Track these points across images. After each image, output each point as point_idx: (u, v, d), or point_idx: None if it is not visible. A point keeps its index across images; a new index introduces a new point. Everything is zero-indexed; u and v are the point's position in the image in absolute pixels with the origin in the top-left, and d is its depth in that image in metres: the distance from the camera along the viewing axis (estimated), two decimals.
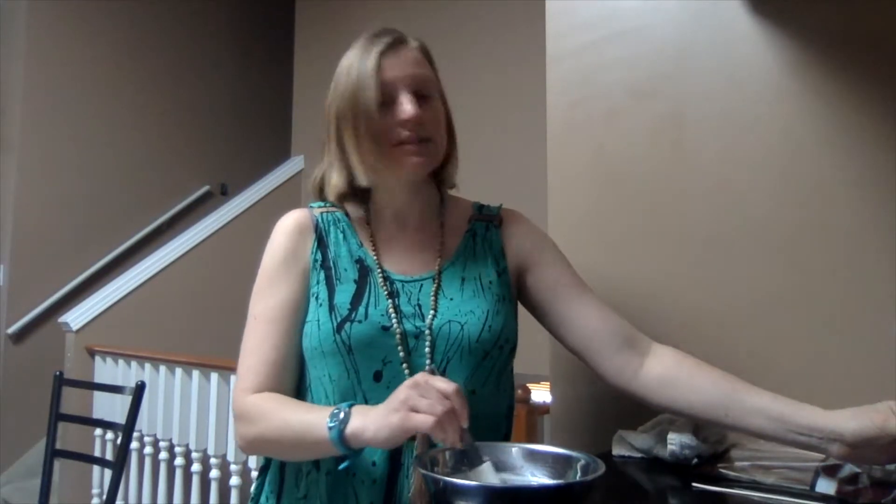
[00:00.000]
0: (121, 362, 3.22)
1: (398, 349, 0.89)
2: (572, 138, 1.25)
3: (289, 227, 0.98)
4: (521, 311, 1.02)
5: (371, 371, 0.89)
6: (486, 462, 0.75)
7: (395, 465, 0.88)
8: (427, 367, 0.79)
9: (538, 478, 0.76)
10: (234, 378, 2.55)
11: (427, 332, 0.90)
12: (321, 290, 0.93)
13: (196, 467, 2.65)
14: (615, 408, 1.06)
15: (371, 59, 0.90)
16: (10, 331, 3.80)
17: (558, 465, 0.76)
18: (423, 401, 0.72)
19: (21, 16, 3.94)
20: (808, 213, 1.02)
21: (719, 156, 1.10)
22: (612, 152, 1.21)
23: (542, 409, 2.46)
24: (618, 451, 1.04)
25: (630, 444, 1.02)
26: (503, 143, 3.49)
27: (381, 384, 0.88)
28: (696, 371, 0.90)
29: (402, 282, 0.94)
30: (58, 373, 2.32)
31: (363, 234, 0.98)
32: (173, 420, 2.81)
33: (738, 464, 0.88)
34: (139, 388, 2.14)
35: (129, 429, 2.08)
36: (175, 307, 3.83)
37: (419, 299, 0.93)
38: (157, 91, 4.46)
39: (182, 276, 3.91)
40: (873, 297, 0.96)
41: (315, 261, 0.95)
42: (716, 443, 0.97)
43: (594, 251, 1.21)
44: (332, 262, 0.95)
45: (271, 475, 0.97)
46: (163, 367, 2.92)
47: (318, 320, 0.91)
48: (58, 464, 2.78)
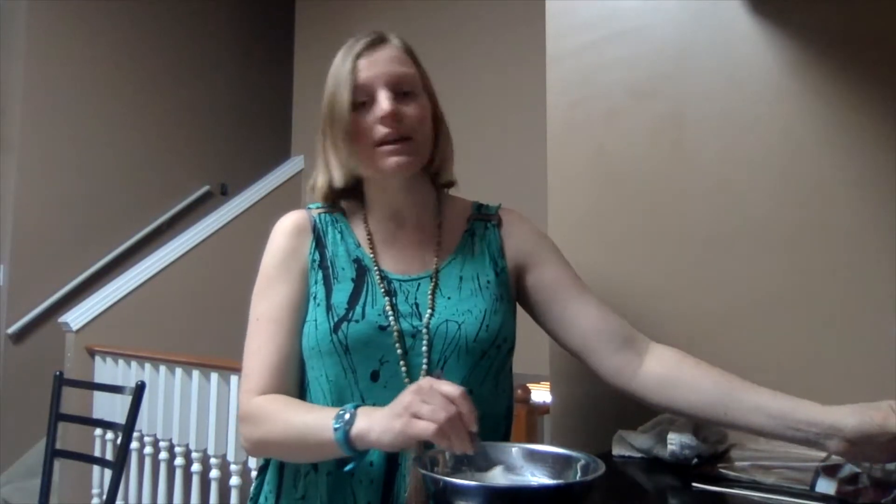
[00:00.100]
0: (121, 362, 3.22)
1: (395, 348, 0.89)
2: (572, 138, 1.25)
3: (287, 228, 0.98)
4: (521, 310, 1.02)
5: (368, 371, 0.89)
6: (498, 467, 0.75)
7: (392, 466, 0.88)
8: (434, 372, 0.78)
9: (538, 478, 0.76)
10: (234, 378, 2.56)
11: (424, 331, 0.90)
12: (319, 290, 0.93)
13: (196, 467, 2.65)
14: (615, 408, 1.06)
15: (348, 61, 0.92)
16: (10, 331, 3.80)
17: (558, 465, 0.76)
18: (425, 407, 0.71)
19: (21, 16, 3.94)
20: (808, 213, 1.02)
21: (719, 156, 1.10)
22: (612, 152, 1.20)
23: (542, 409, 2.46)
24: (618, 451, 1.04)
25: (630, 444, 1.02)
26: (503, 143, 3.49)
27: (378, 384, 0.88)
28: (695, 370, 0.90)
29: (400, 281, 0.94)
30: (58, 373, 2.32)
31: (360, 234, 0.98)
32: (173, 420, 2.81)
33: (738, 464, 0.88)
34: (139, 388, 2.14)
35: (129, 429, 2.08)
36: (175, 307, 3.83)
37: (416, 298, 0.93)
38: (157, 91, 4.46)
39: (182, 276, 3.91)
40: (873, 297, 0.96)
41: (313, 261, 0.96)
42: (716, 443, 0.97)
43: (594, 251, 1.21)
44: (329, 261, 0.95)
45: (270, 476, 0.97)
46: (163, 367, 2.92)
47: (315, 320, 0.91)
48: (58, 464, 2.78)
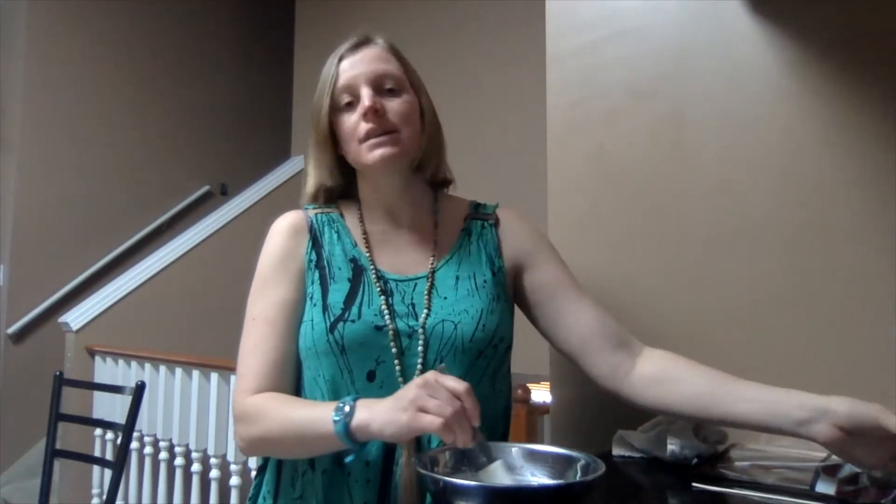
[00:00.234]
0: (121, 362, 3.22)
1: (391, 348, 0.89)
2: (572, 138, 1.25)
3: (283, 229, 0.98)
4: (519, 311, 1.02)
5: (364, 371, 0.89)
6: (497, 462, 0.75)
7: (388, 465, 0.88)
8: (438, 366, 0.78)
9: (538, 478, 0.77)
10: (234, 378, 2.55)
11: (420, 331, 0.90)
12: (315, 290, 0.93)
13: (196, 467, 2.65)
14: (615, 408, 1.05)
15: (333, 64, 0.96)
16: (10, 331, 3.80)
17: (558, 465, 0.76)
18: (432, 401, 0.72)
19: (21, 16, 3.94)
20: (808, 213, 1.02)
21: (719, 156, 1.10)
22: (612, 152, 1.20)
23: (542, 409, 2.46)
24: (618, 451, 1.04)
25: (630, 444, 1.02)
26: (503, 143, 3.49)
27: (374, 384, 0.88)
28: (685, 366, 0.91)
29: (396, 281, 0.94)
30: (58, 373, 2.32)
31: (357, 234, 0.98)
32: (173, 420, 2.81)
33: (738, 464, 0.88)
34: (139, 388, 2.14)
35: (129, 429, 2.08)
36: (175, 307, 3.83)
37: (413, 298, 0.93)
38: (157, 91, 4.46)
39: (182, 276, 3.91)
40: (873, 297, 0.96)
41: (310, 261, 0.96)
42: (716, 443, 0.97)
43: (594, 251, 1.21)
44: (326, 261, 0.95)
45: (268, 475, 0.97)
46: (163, 367, 2.92)
47: (311, 320, 0.91)
48: (58, 464, 2.78)
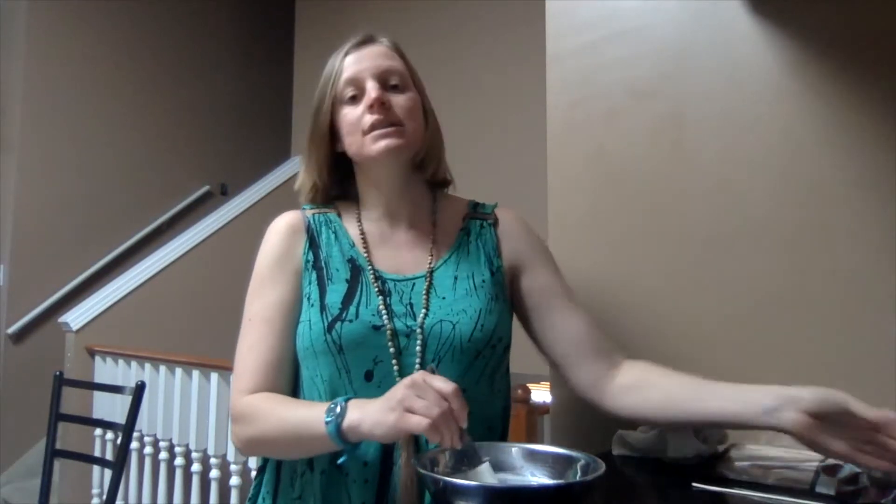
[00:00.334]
0: (121, 362, 3.22)
1: (389, 348, 0.88)
2: (572, 138, 1.25)
3: (281, 229, 0.98)
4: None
5: (362, 371, 0.89)
6: (485, 462, 0.75)
7: (386, 465, 0.88)
8: (427, 367, 0.79)
9: (538, 478, 0.77)
10: (233, 378, 2.55)
11: (418, 331, 0.89)
12: (313, 291, 0.93)
13: (196, 467, 2.65)
14: None
15: (337, 59, 0.96)
16: (10, 331, 3.80)
17: (558, 465, 0.76)
18: (419, 402, 0.72)
19: (21, 16, 3.94)
20: (808, 213, 1.02)
21: (719, 156, 1.10)
22: (612, 152, 1.20)
23: (542, 409, 2.45)
24: (618, 451, 1.04)
25: (630, 444, 1.02)
26: (503, 143, 3.49)
27: (371, 384, 0.88)
28: (661, 373, 0.92)
29: (395, 281, 0.94)
30: (58, 373, 2.32)
31: (354, 234, 0.98)
32: (173, 420, 2.80)
33: (738, 464, 0.88)
34: (139, 388, 2.14)
35: (129, 429, 2.08)
36: (175, 307, 3.83)
37: (411, 298, 0.92)
38: (157, 91, 4.46)
39: (182, 276, 3.91)
40: (873, 297, 0.96)
41: (307, 261, 0.96)
42: (716, 443, 0.97)
43: (594, 251, 1.21)
44: (323, 262, 0.95)
45: (268, 476, 0.98)
46: (163, 367, 2.92)
47: (309, 320, 0.91)
48: (58, 464, 2.78)
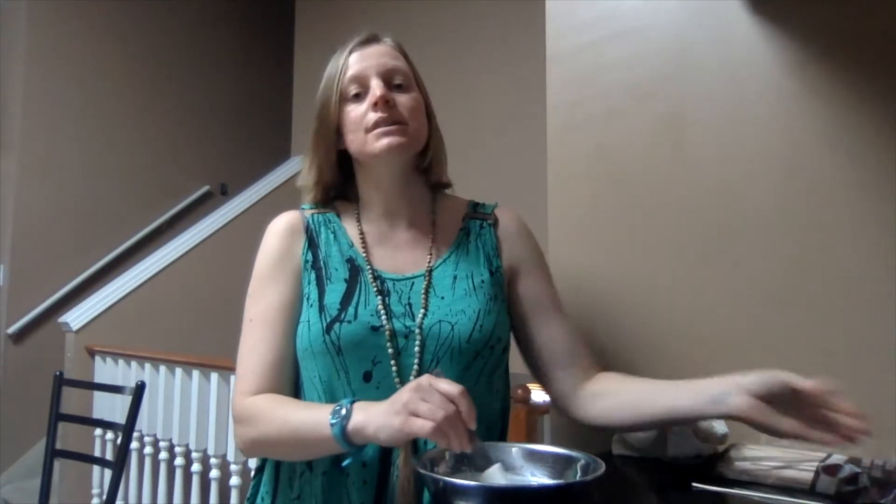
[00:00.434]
0: (121, 362, 3.22)
1: (388, 349, 0.88)
2: (572, 138, 1.25)
3: (280, 229, 0.98)
4: None
5: (360, 372, 0.88)
6: (496, 465, 0.75)
7: (385, 466, 0.88)
8: (434, 370, 0.78)
9: (538, 478, 0.77)
10: (234, 378, 2.55)
11: (417, 331, 0.89)
12: (312, 291, 0.93)
13: (196, 467, 2.64)
14: None
15: (342, 57, 0.96)
16: (10, 331, 3.80)
17: (558, 465, 0.76)
18: (423, 405, 0.71)
19: (22, 16, 3.94)
20: (808, 213, 1.02)
21: (719, 156, 1.10)
22: (612, 152, 1.20)
23: (542, 409, 2.45)
24: (618, 451, 1.04)
25: (630, 444, 1.02)
26: (503, 143, 3.49)
27: (370, 384, 0.88)
28: (623, 378, 0.95)
29: (393, 280, 0.94)
30: (58, 373, 2.32)
31: (353, 234, 0.98)
32: (173, 420, 2.80)
33: (738, 464, 0.88)
34: (139, 388, 2.14)
35: (129, 429, 2.08)
36: (175, 307, 3.83)
37: (410, 298, 0.92)
38: (157, 91, 4.46)
39: (182, 276, 3.91)
40: (873, 297, 0.96)
41: (306, 262, 0.96)
42: (716, 443, 0.97)
43: (594, 251, 1.21)
44: (322, 262, 0.95)
45: (267, 476, 0.97)
46: (163, 367, 2.92)
47: (308, 321, 0.91)
48: (58, 464, 2.78)
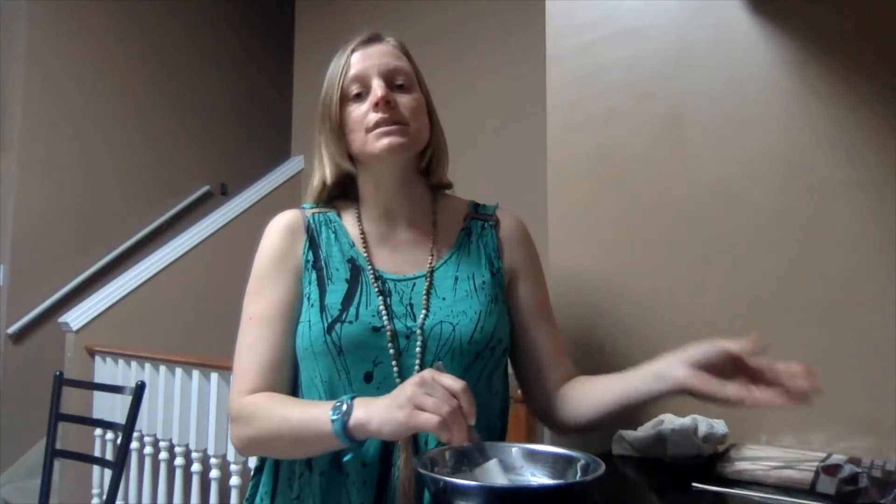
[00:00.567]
0: (121, 362, 3.22)
1: (389, 349, 0.88)
2: (572, 138, 1.25)
3: (280, 228, 0.98)
4: None
5: (361, 372, 0.88)
6: (492, 460, 0.75)
7: (385, 466, 0.88)
8: (436, 364, 0.79)
9: (538, 478, 0.76)
10: (233, 378, 2.55)
11: (418, 332, 0.89)
12: (313, 291, 0.93)
13: (196, 467, 2.64)
14: None
15: (344, 56, 0.96)
16: (10, 331, 3.80)
17: (558, 465, 0.76)
18: (428, 399, 0.72)
19: (22, 16, 3.94)
20: (808, 213, 1.02)
21: (719, 156, 1.10)
22: (612, 152, 1.20)
23: None
24: (618, 450, 1.04)
25: (630, 444, 1.02)
26: (503, 143, 3.49)
27: (371, 385, 0.88)
28: (586, 378, 0.97)
29: (395, 281, 0.94)
30: (58, 373, 2.32)
31: (354, 234, 0.98)
32: (173, 420, 2.80)
33: (738, 464, 0.88)
34: (139, 388, 2.14)
35: (129, 429, 2.08)
36: (175, 307, 3.83)
37: (411, 298, 0.92)
38: (158, 91, 4.46)
39: (182, 276, 3.90)
40: (873, 297, 0.96)
41: (307, 261, 0.95)
42: (716, 443, 0.97)
43: (594, 251, 1.21)
44: (323, 262, 0.95)
45: (266, 476, 0.97)
46: (163, 367, 2.91)
47: (309, 321, 0.91)
48: (58, 464, 2.78)
